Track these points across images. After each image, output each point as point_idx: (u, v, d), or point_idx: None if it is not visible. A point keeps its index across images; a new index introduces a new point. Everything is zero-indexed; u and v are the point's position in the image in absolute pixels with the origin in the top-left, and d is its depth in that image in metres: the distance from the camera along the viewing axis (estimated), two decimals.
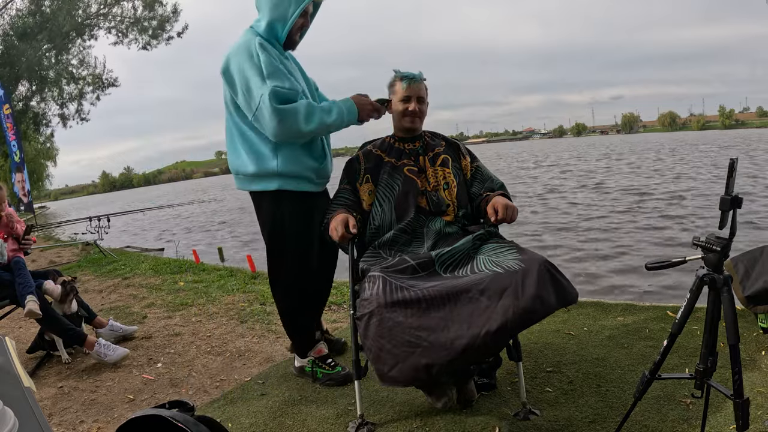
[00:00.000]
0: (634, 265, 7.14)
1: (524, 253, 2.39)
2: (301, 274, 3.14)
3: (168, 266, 7.97)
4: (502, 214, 2.59)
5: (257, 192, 3.06)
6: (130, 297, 6.18)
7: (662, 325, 3.54)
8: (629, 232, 9.48)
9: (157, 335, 4.53)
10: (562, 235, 9.84)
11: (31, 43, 23.52)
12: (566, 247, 8.78)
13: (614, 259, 7.67)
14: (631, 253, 7.92)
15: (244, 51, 2.80)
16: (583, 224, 10.70)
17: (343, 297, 4.98)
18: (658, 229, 9.55)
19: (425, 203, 2.89)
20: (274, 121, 2.71)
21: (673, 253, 4.66)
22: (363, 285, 2.42)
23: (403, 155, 3.01)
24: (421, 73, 3.02)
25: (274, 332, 4.28)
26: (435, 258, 2.52)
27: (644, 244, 8.45)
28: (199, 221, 21.15)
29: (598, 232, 9.74)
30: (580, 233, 9.82)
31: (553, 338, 3.53)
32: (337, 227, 2.68)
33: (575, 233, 9.86)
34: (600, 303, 4.13)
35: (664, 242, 8.50)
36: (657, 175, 19.95)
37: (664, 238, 8.78)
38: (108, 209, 31.17)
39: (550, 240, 9.43)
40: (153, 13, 26.54)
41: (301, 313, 3.23)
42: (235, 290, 5.89)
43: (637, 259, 7.47)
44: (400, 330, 2.21)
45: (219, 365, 3.72)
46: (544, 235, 9.96)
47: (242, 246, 12.42)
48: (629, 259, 7.55)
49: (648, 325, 3.58)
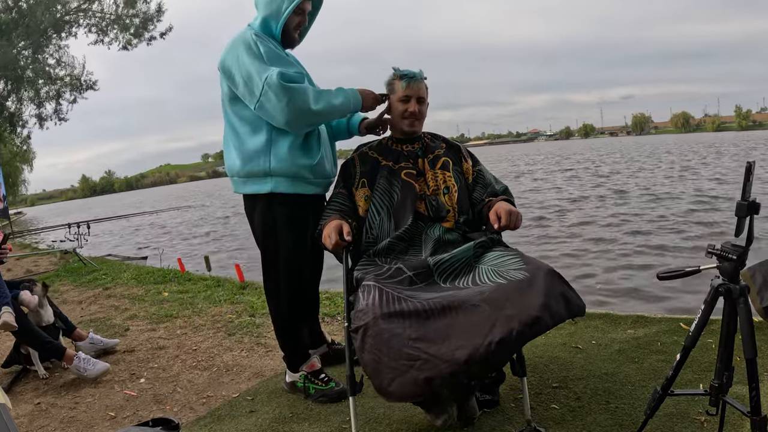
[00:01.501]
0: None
1: (529, 262, 2.39)
2: (297, 282, 3.15)
3: (151, 276, 7.94)
4: (506, 221, 2.58)
5: (250, 195, 3.07)
6: (111, 308, 6.16)
7: (675, 338, 3.54)
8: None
9: (140, 349, 4.51)
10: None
11: (6, 40, 23.46)
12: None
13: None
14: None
15: (241, 43, 2.86)
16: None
17: (337, 308, 4.97)
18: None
19: (424, 208, 2.89)
20: (283, 101, 2.72)
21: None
22: (358, 295, 2.42)
23: (401, 158, 3.00)
24: (422, 72, 3.02)
25: (264, 346, 4.27)
26: (433, 266, 2.52)
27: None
28: (185, 228, 21.15)
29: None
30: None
31: (559, 352, 3.53)
32: (330, 234, 2.67)
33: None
34: (609, 315, 4.13)
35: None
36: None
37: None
38: (88, 215, 31.15)
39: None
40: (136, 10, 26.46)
41: (297, 324, 3.23)
42: (222, 301, 5.87)
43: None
44: (398, 342, 2.19)
45: (205, 380, 3.71)
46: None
47: (230, 254, 12.40)
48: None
49: (660, 338, 3.58)
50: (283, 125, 2.83)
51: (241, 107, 2.94)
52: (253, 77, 2.77)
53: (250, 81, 2.78)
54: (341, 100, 2.89)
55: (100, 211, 47.75)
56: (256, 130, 2.94)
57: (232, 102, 2.97)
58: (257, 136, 2.93)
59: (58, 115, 27.11)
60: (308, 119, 2.86)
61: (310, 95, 2.78)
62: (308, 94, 2.77)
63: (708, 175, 21.03)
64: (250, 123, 2.95)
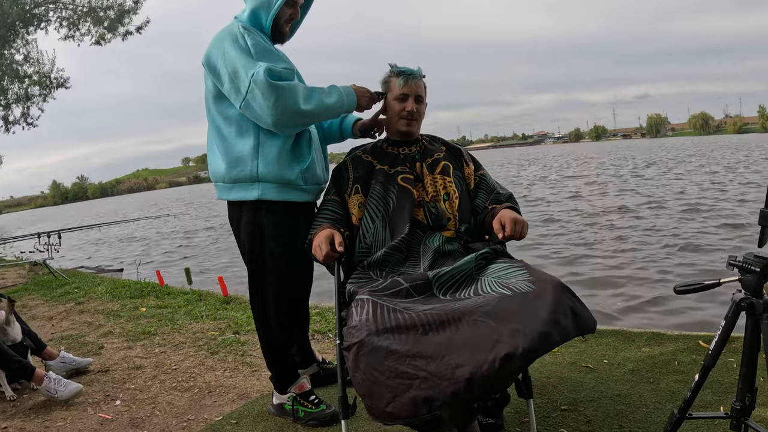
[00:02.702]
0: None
1: (536, 275, 2.37)
2: (287, 297, 3.14)
3: (128, 289, 7.93)
4: (510, 230, 2.58)
5: (235, 202, 3.06)
6: (84, 324, 6.14)
7: (693, 357, 3.54)
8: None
9: (115, 368, 4.50)
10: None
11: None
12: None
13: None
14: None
15: (227, 36, 2.84)
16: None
17: (328, 324, 4.96)
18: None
19: (422, 216, 2.89)
20: (271, 100, 2.69)
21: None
22: (350, 310, 2.40)
23: (398, 161, 3.00)
24: (420, 69, 3.03)
25: (249, 365, 4.26)
26: (432, 279, 2.50)
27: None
28: (164, 238, 21.10)
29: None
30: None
31: (568, 372, 3.53)
32: (321, 245, 2.66)
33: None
34: (622, 331, 4.14)
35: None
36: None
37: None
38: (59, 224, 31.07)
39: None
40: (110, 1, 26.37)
41: (285, 341, 3.22)
42: (204, 317, 5.86)
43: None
44: (395, 359, 2.17)
45: (186, 403, 3.70)
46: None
47: (213, 266, 12.38)
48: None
49: (677, 356, 3.58)
50: (271, 126, 2.80)
51: (226, 106, 2.92)
52: (239, 73, 2.75)
53: (236, 77, 2.76)
54: (334, 99, 2.88)
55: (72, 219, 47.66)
56: (243, 131, 2.92)
57: (216, 100, 2.95)
58: (244, 138, 2.91)
59: (26, 119, 26.98)
60: (297, 120, 2.84)
61: (300, 94, 2.76)
62: (298, 93, 2.75)
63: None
64: (236, 124, 2.92)
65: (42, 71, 27.04)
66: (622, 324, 5.69)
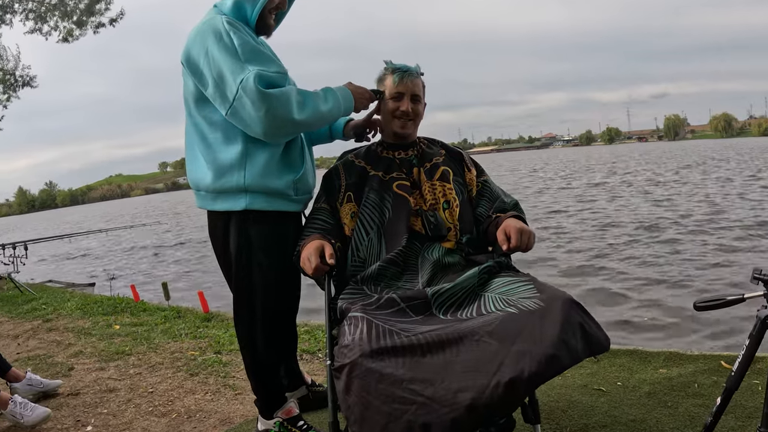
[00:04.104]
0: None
1: (544, 290, 2.37)
2: (274, 313, 3.11)
3: (100, 305, 7.92)
4: (516, 241, 2.57)
5: (219, 213, 3.00)
6: (52, 343, 6.11)
7: (715, 379, 3.54)
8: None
9: (86, 391, 4.48)
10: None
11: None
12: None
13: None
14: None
15: (210, 32, 2.74)
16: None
17: (318, 344, 4.96)
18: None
19: (420, 226, 2.88)
20: (261, 111, 2.61)
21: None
22: (342, 328, 2.39)
23: (393, 167, 3.00)
24: (418, 66, 3.03)
25: (232, 387, 4.25)
26: (431, 298, 2.49)
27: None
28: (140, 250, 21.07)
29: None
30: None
31: (578, 395, 3.53)
32: (310, 257, 2.64)
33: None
34: (637, 351, 4.14)
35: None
36: None
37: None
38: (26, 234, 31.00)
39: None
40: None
41: (272, 362, 3.21)
42: (183, 335, 5.86)
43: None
44: (390, 383, 2.16)
45: (163, 428, 3.69)
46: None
47: (193, 280, 12.37)
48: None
49: (697, 378, 3.58)
50: (260, 136, 2.74)
51: (211, 110, 2.85)
52: (226, 78, 2.66)
53: (222, 82, 2.68)
54: (330, 105, 2.83)
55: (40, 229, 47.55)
56: (230, 138, 2.85)
57: (199, 104, 2.88)
58: (231, 145, 2.85)
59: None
60: (290, 130, 2.80)
61: (294, 103, 2.68)
62: (291, 102, 2.68)
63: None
64: (222, 129, 2.85)
65: (5, 68, 26.94)
66: (637, 342, 5.69)
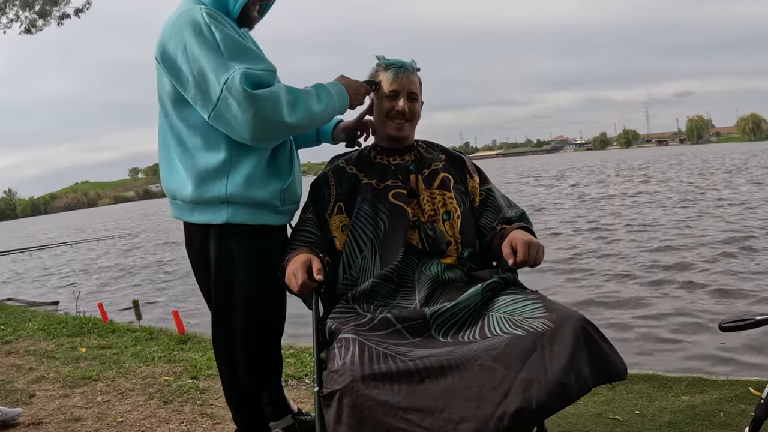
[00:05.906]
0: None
1: (553, 309, 2.36)
2: (257, 334, 3.08)
3: (64, 326, 7.90)
4: (523, 255, 2.56)
5: (198, 225, 2.96)
6: (12, 368, 6.08)
7: (742, 407, 3.54)
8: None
9: (49, 420, 4.45)
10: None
11: None
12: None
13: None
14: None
15: (188, 25, 2.68)
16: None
17: (304, 368, 4.95)
18: None
19: (417, 240, 2.87)
20: (249, 114, 2.56)
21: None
22: (332, 351, 2.38)
23: (388, 174, 2.99)
24: (414, 62, 3.03)
25: (210, 416, 4.23)
26: (430, 318, 2.47)
27: None
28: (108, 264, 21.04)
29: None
30: None
31: (592, 425, 3.52)
32: (296, 272, 2.61)
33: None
34: (657, 377, 4.14)
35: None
36: None
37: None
38: None
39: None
40: None
41: (255, 388, 3.18)
42: (156, 359, 5.84)
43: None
44: (385, 412, 2.14)
45: None
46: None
47: (167, 299, 12.35)
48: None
49: (723, 406, 3.58)
50: (247, 141, 2.69)
51: (189, 112, 2.80)
52: (208, 77, 2.60)
53: (204, 82, 2.62)
54: (323, 105, 2.79)
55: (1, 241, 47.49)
56: (212, 143, 2.80)
57: (177, 105, 2.83)
58: (212, 151, 2.80)
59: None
60: (280, 134, 2.78)
61: (284, 103, 2.63)
62: (281, 103, 2.62)
63: None
64: (203, 134, 2.80)
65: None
66: (657, 367, 5.69)
